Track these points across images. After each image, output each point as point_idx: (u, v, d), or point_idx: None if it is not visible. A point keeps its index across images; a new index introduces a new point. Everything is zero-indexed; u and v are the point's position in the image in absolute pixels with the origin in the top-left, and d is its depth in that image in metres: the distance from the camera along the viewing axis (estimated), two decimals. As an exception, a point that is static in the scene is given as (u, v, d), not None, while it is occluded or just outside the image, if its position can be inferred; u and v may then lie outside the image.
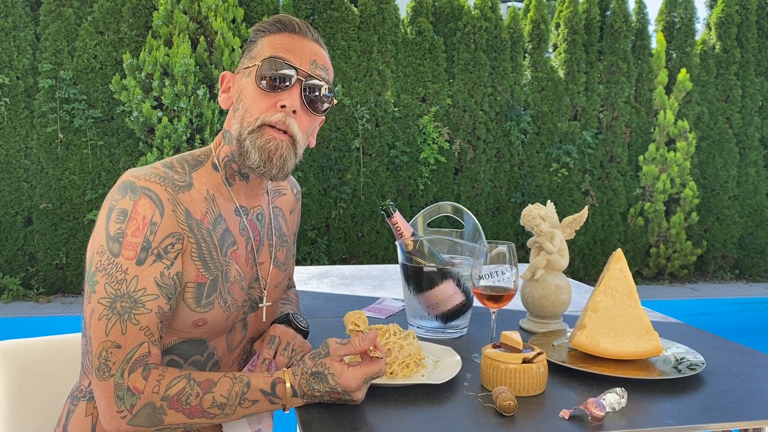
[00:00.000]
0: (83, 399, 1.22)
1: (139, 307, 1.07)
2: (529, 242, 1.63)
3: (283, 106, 1.18)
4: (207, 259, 1.16)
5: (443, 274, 1.52)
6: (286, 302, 1.48)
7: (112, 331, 1.06)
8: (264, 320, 1.34)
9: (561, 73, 6.40)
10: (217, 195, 1.21)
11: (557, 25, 6.53)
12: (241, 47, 5.37)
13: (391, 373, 1.23)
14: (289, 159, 1.20)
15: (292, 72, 1.19)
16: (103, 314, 1.07)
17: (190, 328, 1.18)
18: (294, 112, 1.19)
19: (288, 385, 1.10)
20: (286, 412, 1.12)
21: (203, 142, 5.22)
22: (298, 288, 2.04)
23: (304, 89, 1.20)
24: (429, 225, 1.76)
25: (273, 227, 1.35)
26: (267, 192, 1.35)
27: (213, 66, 5.30)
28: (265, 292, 1.32)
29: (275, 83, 1.18)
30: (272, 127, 1.18)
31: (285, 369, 1.13)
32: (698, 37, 6.84)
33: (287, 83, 1.18)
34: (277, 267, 1.35)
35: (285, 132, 1.19)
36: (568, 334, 1.52)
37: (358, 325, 1.23)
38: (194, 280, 1.15)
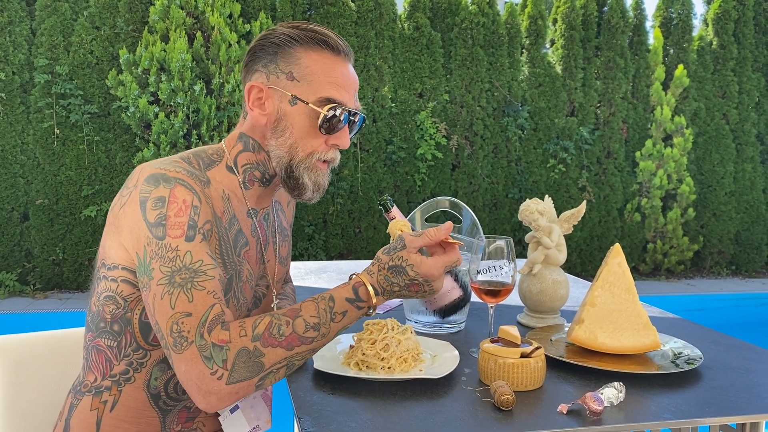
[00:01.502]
0: (88, 393, 1.21)
1: (201, 276, 1.05)
2: (527, 237, 1.63)
3: (334, 145, 1.22)
4: (225, 258, 1.17)
5: (441, 269, 1.51)
6: (283, 297, 1.48)
7: (178, 303, 1.02)
8: None
9: (558, 69, 6.40)
10: (231, 196, 1.22)
11: (554, 21, 6.53)
12: (237, 42, 5.36)
13: (389, 368, 1.23)
14: None
15: (346, 115, 1.21)
16: (165, 292, 1.03)
17: None
18: None
19: (370, 288, 1.10)
20: (372, 315, 1.13)
21: (200, 138, 5.20)
22: (295, 283, 2.03)
23: (351, 126, 1.24)
24: (426, 220, 1.76)
25: (276, 225, 1.36)
26: None
27: (210, 61, 5.28)
28: (275, 291, 1.34)
29: (333, 128, 1.20)
30: (323, 161, 1.23)
31: (357, 273, 1.14)
32: (695, 33, 6.85)
33: (341, 125, 1.21)
34: (281, 263, 1.37)
35: (329, 162, 1.25)
36: (566, 328, 1.52)
37: (403, 231, 1.22)
38: None
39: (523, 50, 6.44)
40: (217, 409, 1.03)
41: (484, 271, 1.34)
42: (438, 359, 1.30)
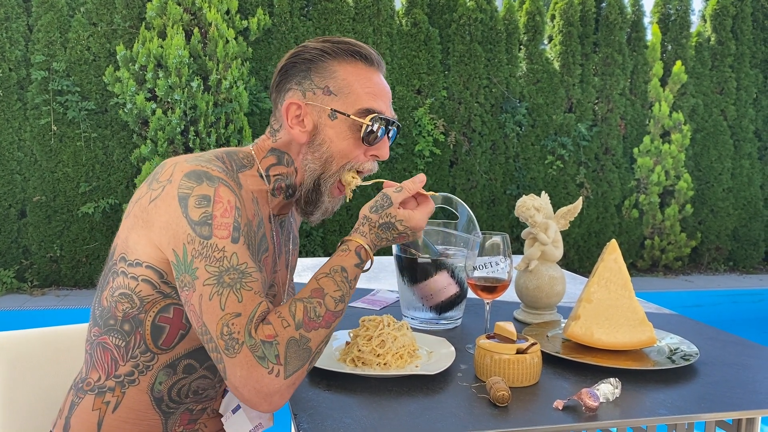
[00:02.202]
0: (90, 393, 1.20)
1: (248, 276, 1.05)
2: (524, 233, 1.63)
3: (374, 155, 1.24)
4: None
5: (437, 266, 1.52)
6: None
7: (228, 303, 1.02)
8: None
9: (556, 65, 6.40)
10: (260, 200, 1.22)
11: (552, 17, 6.52)
12: (235, 39, 5.35)
13: (384, 364, 1.23)
14: None
15: (385, 125, 1.22)
16: (213, 292, 1.03)
17: None
18: None
19: (368, 248, 1.16)
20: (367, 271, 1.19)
21: (197, 135, 5.19)
22: (294, 279, 2.03)
23: (390, 135, 1.25)
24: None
25: (289, 232, 1.36)
26: None
27: (207, 58, 5.27)
28: (284, 300, 1.32)
29: (375, 139, 1.21)
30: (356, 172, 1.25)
31: (351, 236, 1.17)
32: (693, 29, 6.84)
33: (382, 135, 1.23)
34: (290, 272, 1.37)
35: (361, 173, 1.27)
36: (562, 324, 1.52)
37: (356, 178, 1.25)
38: None
39: (521, 46, 6.43)
40: (280, 407, 1.04)
41: (481, 268, 1.34)
42: (434, 355, 1.30)
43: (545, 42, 6.57)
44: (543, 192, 1.66)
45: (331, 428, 1.02)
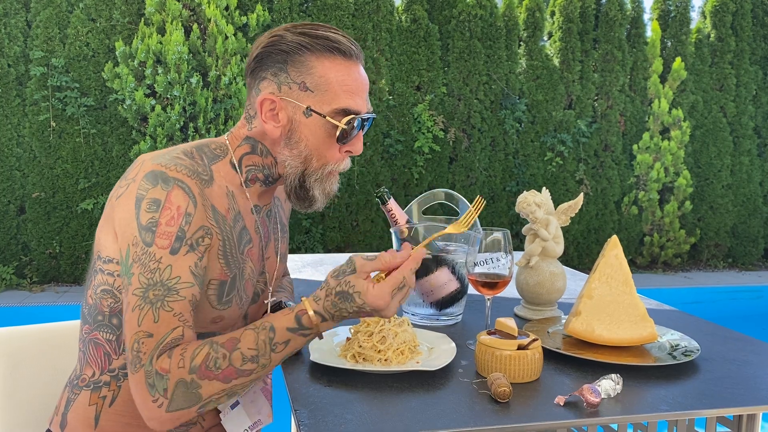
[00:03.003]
0: (86, 388, 1.20)
1: (173, 295, 1.05)
2: (525, 229, 1.63)
3: (347, 151, 1.22)
4: (229, 257, 1.16)
5: (438, 262, 1.51)
6: (280, 290, 1.48)
7: (144, 321, 1.03)
8: (269, 313, 1.34)
9: (556, 62, 6.39)
10: (236, 192, 1.20)
11: (552, 14, 6.51)
12: (234, 35, 5.34)
13: (385, 360, 1.23)
14: None
15: (359, 121, 1.19)
16: (136, 305, 1.04)
17: (207, 324, 1.18)
18: None
19: (311, 313, 1.07)
20: (322, 339, 1.13)
21: (196, 131, 5.19)
22: (292, 276, 2.03)
23: (364, 128, 1.23)
24: (424, 213, 1.75)
25: (277, 220, 1.36)
26: None
27: (206, 54, 5.26)
28: (270, 288, 1.33)
29: (349, 138, 1.19)
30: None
31: (304, 297, 1.11)
32: (693, 26, 6.83)
33: (356, 132, 1.20)
34: (281, 260, 1.37)
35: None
36: (563, 320, 1.52)
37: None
38: (217, 278, 1.15)
39: (521, 43, 6.42)
40: (161, 431, 1.06)
41: (481, 264, 1.34)
42: (435, 351, 1.30)
43: (545, 38, 6.56)
44: (544, 188, 1.65)
45: (331, 424, 1.02)
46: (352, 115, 1.17)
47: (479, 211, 1.32)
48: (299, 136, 1.18)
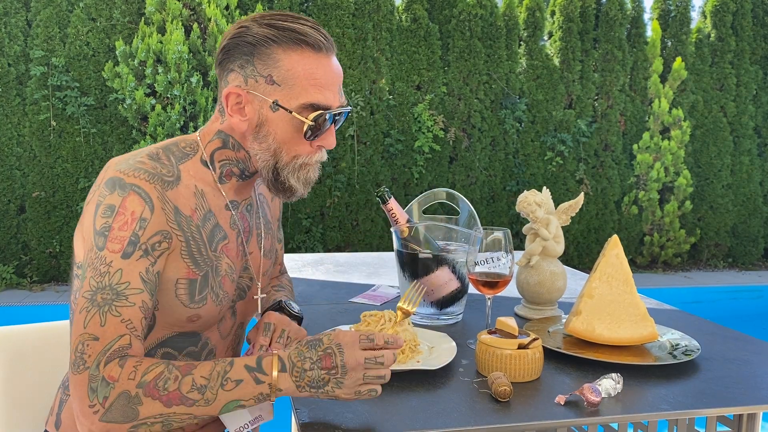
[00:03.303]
0: None
1: (122, 300, 1.03)
2: (525, 228, 1.63)
3: (320, 146, 1.20)
4: (196, 256, 1.15)
5: (438, 261, 1.52)
6: (279, 288, 1.48)
7: (91, 323, 1.01)
8: (259, 311, 1.33)
9: (556, 61, 6.39)
10: (206, 190, 1.18)
11: (552, 13, 6.51)
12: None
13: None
14: None
15: (331, 116, 1.17)
16: (84, 307, 1.03)
17: (184, 323, 1.18)
18: None
19: (275, 360, 1.01)
20: (272, 400, 1.02)
21: (197, 130, 5.19)
22: (292, 275, 2.03)
23: (337, 122, 1.20)
24: (424, 212, 1.75)
25: (260, 215, 1.34)
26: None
27: (206, 53, 5.26)
28: (259, 284, 1.32)
29: (318, 133, 1.17)
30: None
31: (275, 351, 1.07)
32: (693, 26, 6.83)
33: (326, 127, 1.18)
34: (265, 256, 1.34)
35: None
36: (564, 320, 1.52)
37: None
38: (185, 277, 1.14)
39: (521, 42, 6.42)
40: None
41: (482, 263, 1.34)
42: (435, 350, 1.30)
43: (545, 38, 6.56)
44: (544, 187, 1.65)
45: (332, 423, 1.02)
46: (321, 111, 1.14)
47: (421, 294, 1.33)
48: (267, 130, 1.16)
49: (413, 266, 1.54)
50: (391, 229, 1.57)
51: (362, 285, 1.94)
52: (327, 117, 1.15)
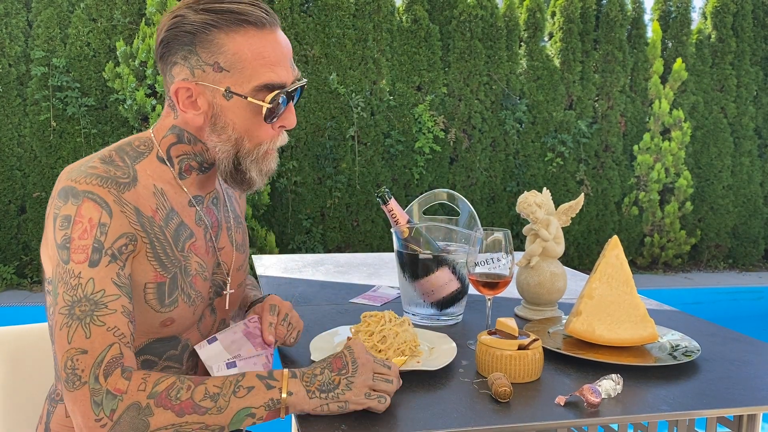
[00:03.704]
0: (62, 402, 1.18)
1: (101, 308, 0.99)
2: (525, 229, 1.63)
3: (281, 126, 1.15)
4: (162, 258, 1.10)
5: (439, 262, 1.52)
6: (253, 288, 1.47)
7: (75, 337, 0.98)
8: (227, 307, 1.29)
9: (556, 62, 6.39)
10: (166, 189, 1.14)
11: (553, 14, 6.51)
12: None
13: (386, 359, 1.23)
14: None
15: (286, 93, 1.12)
16: (63, 323, 0.99)
17: (158, 329, 1.14)
18: None
19: (286, 370, 1.03)
20: (282, 416, 1.02)
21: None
22: (292, 276, 2.03)
23: (294, 98, 1.16)
24: (424, 213, 1.75)
25: (229, 209, 1.29)
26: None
27: (207, 54, 5.27)
28: (229, 278, 1.27)
29: (278, 114, 1.13)
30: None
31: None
32: (694, 27, 6.83)
33: (286, 104, 1.14)
34: (237, 250, 1.30)
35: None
36: (564, 321, 1.52)
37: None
38: (153, 281, 1.10)
39: (522, 43, 6.42)
40: None
41: (482, 264, 1.34)
42: (435, 351, 1.30)
43: (545, 39, 6.56)
44: (544, 188, 1.65)
45: (332, 422, 1.02)
46: (277, 91, 1.10)
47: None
48: (224, 120, 1.11)
49: (413, 267, 1.54)
50: (392, 230, 1.57)
51: (362, 286, 1.94)
52: (282, 95, 1.10)
